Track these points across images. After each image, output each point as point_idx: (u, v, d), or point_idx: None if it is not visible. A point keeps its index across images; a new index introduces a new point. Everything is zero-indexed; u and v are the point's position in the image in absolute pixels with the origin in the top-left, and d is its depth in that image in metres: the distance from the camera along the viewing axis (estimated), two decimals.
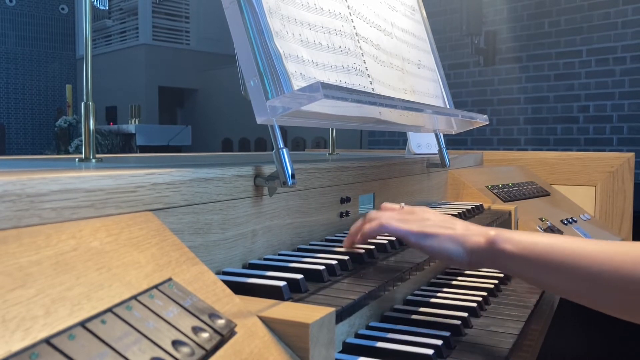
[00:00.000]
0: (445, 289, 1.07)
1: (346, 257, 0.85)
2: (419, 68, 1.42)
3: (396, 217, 0.87)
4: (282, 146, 0.82)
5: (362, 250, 0.90)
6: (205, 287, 0.57)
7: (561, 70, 4.89)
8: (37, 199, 0.51)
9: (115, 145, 6.72)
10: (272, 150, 0.83)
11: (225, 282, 0.61)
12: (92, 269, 0.47)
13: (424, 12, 1.57)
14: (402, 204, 0.93)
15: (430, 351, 0.74)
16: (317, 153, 2.49)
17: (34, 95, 9.43)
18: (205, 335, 0.49)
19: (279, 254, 0.91)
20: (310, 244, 0.99)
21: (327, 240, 1.04)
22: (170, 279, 0.53)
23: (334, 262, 0.81)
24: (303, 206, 0.99)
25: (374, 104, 0.88)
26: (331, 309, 0.59)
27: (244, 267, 0.83)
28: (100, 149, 6.26)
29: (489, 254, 0.78)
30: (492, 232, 0.79)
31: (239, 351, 0.50)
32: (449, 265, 0.88)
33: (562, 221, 1.87)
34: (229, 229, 0.79)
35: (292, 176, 0.81)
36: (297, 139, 7.02)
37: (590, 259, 0.69)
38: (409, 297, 1.01)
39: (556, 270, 0.72)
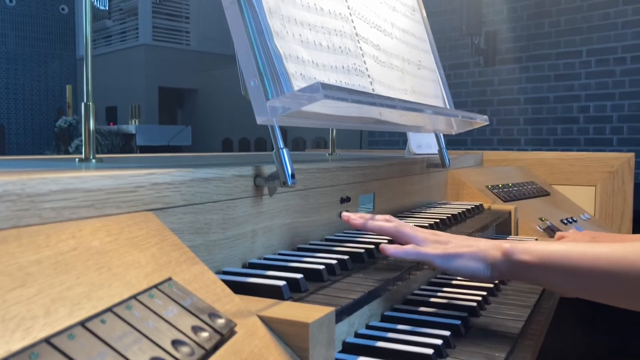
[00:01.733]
0: (445, 288, 1.07)
1: (346, 257, 0.85)
2: (419, 68, 1.42)
3: (421, 237, 0.90)
4: (282, 146, 0.82)
5: (362, 250, 0.91)
6: (205, 286, 0.57)
7: (561, 70, 4.88)
8: (37, 198, 0.51)
9: (115, 145, 6.72)
10: (272, 150, 0.83)
11: (225, 282, 0.61)
12: (92, 268, 0.47)
13: (424, 12, 1.57)
14: None
15: (430, 351, 0.74)
16: (317, 153, 2.49)
17: (34, 95, 9.43)
18: (205, 334, 0.49)
19: (279, 254, 0.91)
20: (310, 244, 0.99)
21: (327, 240, 1.04)
22: (170, 279, 0.53)
23: (334, 261, 0.81)
24: (303, 206, 0.99)
25: (374, 104, 0.88)
26: (331, 309, 0.60)
27: (243, 266, 0.83)
28: (100, 149, 6.26)
29: (508, 266, 0.82)
30: (507, 244, 0.83)
31: (238, 351, 0.50)
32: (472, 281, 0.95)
33: (562, 221, 1.87)
34: (229, 228, 0.80)
35: (292, 176, 0.82)
36: (297, 139, 7.02)
37: (607, 259, 0.74)
38: (409, 297, 1.01)
39: (574, 273, 0.76)
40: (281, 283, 0.68)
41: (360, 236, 1.05)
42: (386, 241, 0.98)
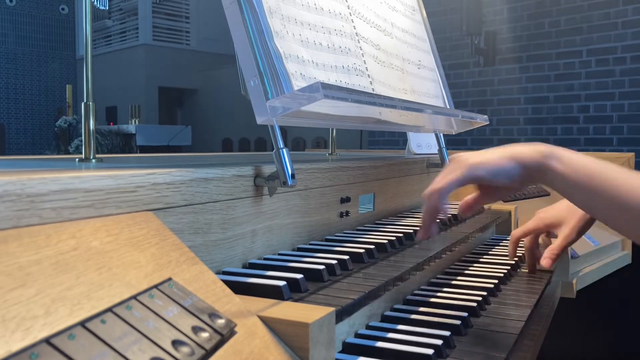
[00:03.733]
0: (445, 289, 1.07)
1: (346, 257, 0.85)
2: (419, 68, 1.42)
3: (439, 178, 0.88)
4: (282, 146, 0.82)
5: (362, 250, 0.91)
6: (205, 286, 0.57)
7: (561, 70, 4.88)
8: (37, 198, 0.51)
9: (115, 145, 6.72)
10: (272, 150, 0.83)
11: (225, 282, 0.61)
12: (92, 268, 0.47)
13: (424, 12, 1.57)
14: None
15: (430, 351, 0.74)
16: (317, 153, 2.49)
17: (34, 95, 9.43)
18: (205, 335, 0.49)
19: (279, 254, 0.91)
20: (310, 244, 0.99)
21: (327, 240, 1.04)
22: (170, 279, 0.53)
23: (334, 261, 0.81)
24: (303, 206, 0.99)
25: (374, 104, 0.88)
26: (331, 309, 0.60)
27: (243, 266, 0.83)
28: (100, 149, 6.26)
29: (540, 169, 0.80)
30: (547, 148, 0.81)
31: (239, 351, 0.50)
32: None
33: None
34: (229, 228, 0.79)
35: (292, 176, 0.81)
36: (297, 139, 7.02)
37: (632, 191, 0.73)
38: (409, 297, 1.01)
39: (596, 196, 0.76)
40: (281, 283, 0.68)
41: (360, 236, 1.05)
42: (386, 241, 0.98)
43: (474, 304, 0.96)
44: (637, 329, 2.05)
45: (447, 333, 0.80)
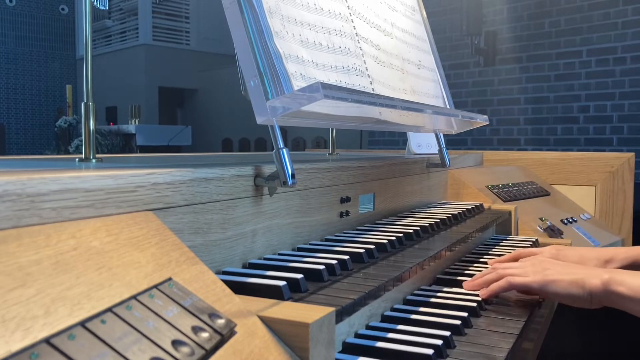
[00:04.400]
0: (445, 288, 1.07)
1: (346, 257, 0.85)
2: (419, 68, 1.42)
3: (518, 272, 1.00)
4: (282, 146, 0.82)
5: (362, 250, 0.91)
6: (205, 286, 0.57)
7: (561, 70, 4.88)
8: (37, 198, 0.51)
9: (115, 145, 6.72)
10: (272, 150, 0.83)
11: (225, 282, 0.61)
12: (92, 268, 0.47)
13: (424, 12, 1.57)
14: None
15: (430, 351, 0.74)
16: (317, 153, 2.49)
17: (34, 95, 9.43)
18: (205, 335, 0.49)
19: (279, 254, 0.91)
20: (310, 244, 0.99)
21: (327, 240, 1.04)
22: (170, 279, 0.53)
23: (334, 261, 0.81)
24: (303, 206, 0.99)
25: (374, 104, 0.88)
26: (331, 309, 0.59)
27: (243, 266, 0.83)
28: (100, 149, 6.26)
29: (606, 295, 0.90)
30: (606, 275, 0.91)
31: (239, 351, 0.50)
32: (521, 293, 1.04)
33: (562, 221, 1.87)
34: (229, 228, 0.79)
35: (292, 176, 0.81)
36: (297, 139, 7.02)
37: None
38: (409, 297, 1.01)
39: None
40: (281, 283, 0.68)
41: (360, 236, 1.05)
42: (386, 240, 0.98)
43: (474, 304, 0.96)
44: (637, 328, 2.05)
45: (447, 333, 0.80)
